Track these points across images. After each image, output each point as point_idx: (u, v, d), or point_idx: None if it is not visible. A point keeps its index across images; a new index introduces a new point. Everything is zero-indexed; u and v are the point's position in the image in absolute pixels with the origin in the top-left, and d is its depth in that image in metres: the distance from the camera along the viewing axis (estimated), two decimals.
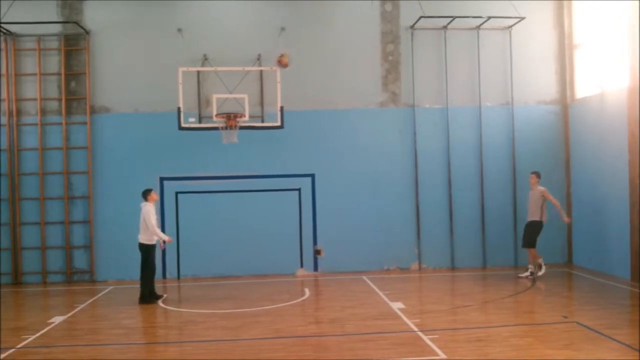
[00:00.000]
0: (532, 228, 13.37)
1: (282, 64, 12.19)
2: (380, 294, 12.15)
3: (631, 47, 12.44)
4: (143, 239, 11.85)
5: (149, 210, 11.81)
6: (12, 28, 14.16)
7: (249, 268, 14.57)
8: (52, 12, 14.35)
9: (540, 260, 13.39)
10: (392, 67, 15.04)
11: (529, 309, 10.67)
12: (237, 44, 14.58)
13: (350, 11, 14.89)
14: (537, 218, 13.31)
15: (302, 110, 14.54)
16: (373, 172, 14.90)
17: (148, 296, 11.89)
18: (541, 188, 13.32)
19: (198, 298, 12.24)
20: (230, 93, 13.69)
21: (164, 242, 12.26)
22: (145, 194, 12.09)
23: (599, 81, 13.92)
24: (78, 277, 14.47)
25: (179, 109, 13.18)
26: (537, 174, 13.55)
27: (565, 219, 13.41)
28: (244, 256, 14.55)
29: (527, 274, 13.43)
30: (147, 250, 11.89)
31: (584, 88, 14.75)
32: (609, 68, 13.57)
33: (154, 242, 11.96)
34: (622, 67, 12.91)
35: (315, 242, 14.88)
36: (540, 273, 13.32)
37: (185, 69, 13.46)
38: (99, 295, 12.86)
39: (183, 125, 13.30)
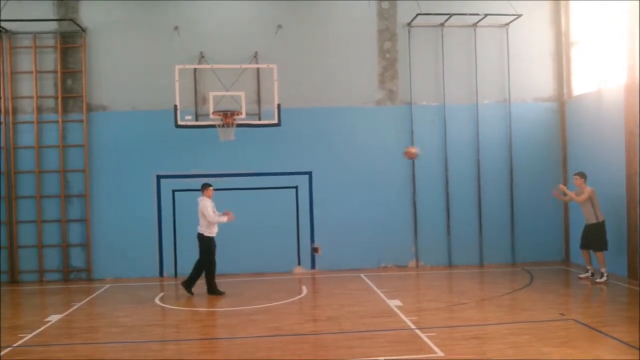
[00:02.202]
0: (596, 231, 12.60)
1: (410, 154, 12.69)
2: (378, 291, 12.14)
3: (628, 44, 12.44)
4: (202, 230, 12.13)
5: (206, 204, 12.03)
6: (8, 25, 14.10)
7: (246, 266, 14.56)
8: (47, 9, 14.29)
9: (604, 270, 12.52)
10: (389, 65, 15.02)
11: (527, 307, 10.66)
12: (233, 42, 14.55)
13: (347, 9, 14.86)
14: (594, 220, 12.58)
15: (299, 108, 14.50)
16: (370, 169, 14.89)
17: (215, 286, 12.15)
18: (588, 189, 12.60)
19: (195, 296, 12.20)
20: (227, 91, 13.69)
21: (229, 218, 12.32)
22: (202, 189, 12.32)
23: (596, 78, 13.91)
24: (75, 275, 14.44)
25: (175, 106, 13.15)
26: (581, 174, 12.88)
27: (559, 189, 13.23)
28: (241, 254, 14.51)
29: (588, 274, 12.83)
30: (206, 242, 12.10)
31: (581, 85, 14.75)
32: (606, 65, 13.55)
33: (213, 235, 12.16)
34: (619, 64, 12.90)
35: (312, 240, 14.87)
36: (601, 279, 12.46)
37: (181, 66, 13.42)
38: (96, 293, 12.82)
39: (179, 122, 13.28)
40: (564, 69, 15.19)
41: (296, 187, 14.83)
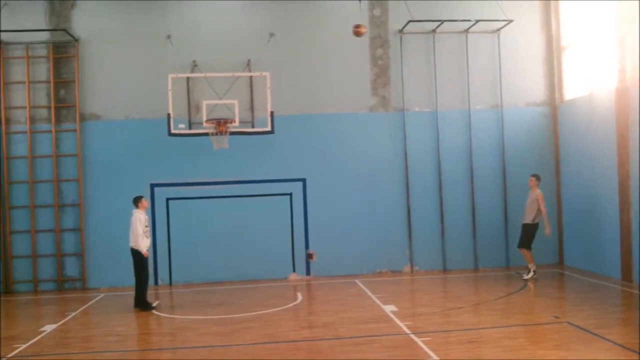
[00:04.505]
0: (526, 230, 13.41)
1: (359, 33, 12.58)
2: (373, 297, 12.16)
3: (619, 49, 12.53)
4: (132, 243, 11.84)
5: (137, 218, 11.83)
6: (0, 36, 14.09)
7: (241, 273, 14.54)
8: (40, 19, 14.31)
9: (531, 266, 13.31)
10: (381, 72, 15.08)
11: (521, 310, 10.71)
12: (226, 50, 14.58)
13: (339, 16, 14.87)
14: (529, 221, 13.33)
15: (292, 115, 14.55)
16: (364, 175, 14.92)
17: (146, 300, 11.89)
18: (539, 193, 13.25)
19: (190, 304, 12.21)
20: (220, 99, 13.73)
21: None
22: (136, 201, 12.09)
23: (587, 82, 13.99)
24: (69, 285, 14.40)
25: (168, 115, 13.21)
26: (537, 177, 13.49)
27: (548, 230, 13.19)
28: (235, 261, 14.52)
29: (532, 274, 13.29)
30: (139, 255, 11.83)
31: (572, 89, 14.83)
32: (597, 69, 13.64)
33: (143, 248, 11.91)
34: (610, 68, 12.98)
35: (307, 247, 14.87)
36: (526, 276, 13.27)
37: (174, 75, 13.49)
38: (91, 302, 12.80)
39: (173, 131, 13.33)
40: (556, 74, 15.28)
41: (290, 194, 14.84)
